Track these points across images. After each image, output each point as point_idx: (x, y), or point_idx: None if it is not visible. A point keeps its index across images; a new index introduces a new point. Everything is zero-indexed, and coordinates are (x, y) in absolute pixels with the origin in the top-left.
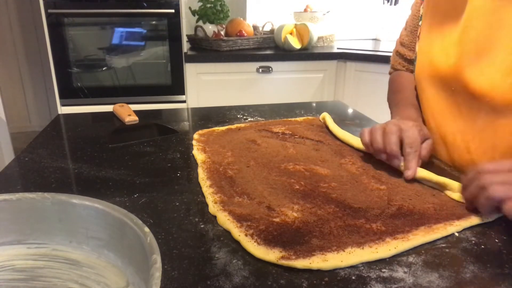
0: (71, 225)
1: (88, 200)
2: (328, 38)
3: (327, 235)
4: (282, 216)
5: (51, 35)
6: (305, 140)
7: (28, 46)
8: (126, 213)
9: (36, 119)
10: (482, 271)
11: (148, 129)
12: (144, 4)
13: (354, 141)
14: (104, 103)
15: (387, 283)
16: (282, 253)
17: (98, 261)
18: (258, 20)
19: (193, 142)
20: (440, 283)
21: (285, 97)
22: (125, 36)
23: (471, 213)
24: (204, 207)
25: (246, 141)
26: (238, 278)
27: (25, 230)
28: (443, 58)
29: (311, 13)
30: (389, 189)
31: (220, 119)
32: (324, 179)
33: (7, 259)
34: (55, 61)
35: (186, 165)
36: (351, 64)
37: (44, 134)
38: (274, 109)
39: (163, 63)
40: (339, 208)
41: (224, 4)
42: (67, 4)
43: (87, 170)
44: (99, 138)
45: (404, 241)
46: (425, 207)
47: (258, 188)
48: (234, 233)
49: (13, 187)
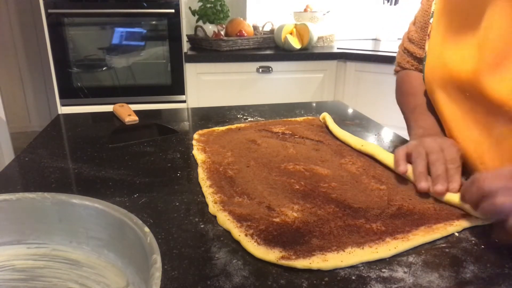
0: (71, 225)
1: (88, 200)
2: (328, 38)
3: (327, 235)
4: (282, 216)
5: (51, 35)
6: (305, 140)
7: (28, 46)
8: (126, 213)
9: (36, 119)
10: (482, 271)
11: (148, 129)
12: (144, 4)
13: (353, 141)
14: (104, 103)
15: (387, 283)
16: (282, 253)
17: (98, 261)
18: (258, 20)
19: (193, 142)
20: (440, 283)
21: (285, 97)
22: (125, 36)
23: (471, 214)
24: (204, 207)
25: (246, 141)
26: (238, 278)
27: (25, 230)
28: (459, 62)
29: (311, 13)
30: (389, 189)
31: (220, 119)
32: (324, 179)
33: (7, 259)
34: (55, 61)
35: (186, 165)
36: (351, 64)
37: (44, 134)
38: (274, 109)
39: (163, 63)
40: (339, 208)
41: (224, 4)
42: (67, 4)
43: (87, 170)
44: (99, 138)
45: (404, 241)
46: (425, 207)
47: (258, 188)
48: (234, 233)
49: (13, 187)
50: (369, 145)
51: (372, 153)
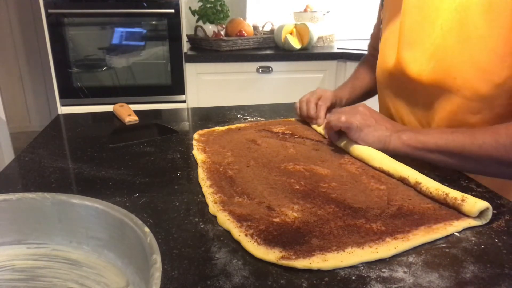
0: (71, 225)
1: (88, 200)
2: (328, 38)
3: (327, 235)
4: (282, 216)
5: (51, 35)
6: (305, 140)
7: (28, 46)
8: (126, 213)
9: (36, 119)
10: (482, 271)
11: (148, 129)
12: (144, 4)
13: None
14: (104, 103)
15: (387, 283)
16: (282, 253)
17: (98, 261)
18: (258, 20)
19: (193, 142)
20: (440, 283)
21: (285, 97)
22: (125, 36)
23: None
24: (204, 207)
25: (246, 141)
26: (238, 278)
27: (25, 230)
28: (389, 52)
29: (311, 13)
30: (389, 189)
31: (220, 119)
32: (324, 179)
33: (7, 259)
34: (55, 61)
35: (186, 165)
36: (351, 64)
37: (44, 134)
38: (274, 109)
39: (163, 63)
40: (339, 208)
41: (224, 4)
42: (67, 4)
43: (87, 170)
44: (99, 138)
45: (404, 241)
46: (425, 207)
47: (258, 188)
48: (234, 233)
49: (13, 187)
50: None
51: (365, 159)
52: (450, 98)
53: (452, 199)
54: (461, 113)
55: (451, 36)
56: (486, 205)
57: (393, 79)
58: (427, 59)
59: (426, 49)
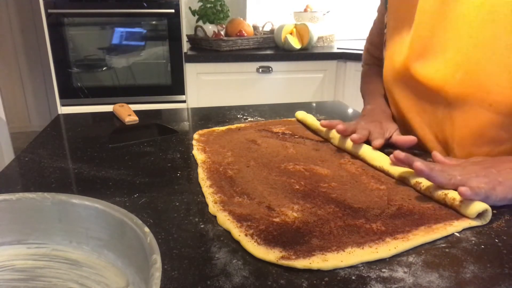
0: (71, 225)
1: (88, 200)
2: (328, 38)
3: (327, 235)
4: (282, 216)
5: (51, 35)
6: (305, 140)
7: (28, 46)
8: (126, 213)
9: (36, 119)
10: (482, 271)
11: (148, 129)
12: (144, 4)
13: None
14: (104, 103)
15: (387, 283)
16: (282, 253)
17: (98, 261)
18: (258, 20)
19: (193, 142)
20: (440, 283)
21: (285, 97)
22: (125, 36)
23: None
24: (204, 207)
25: (246, 141)
26: (238, 278)
27: (25, 230)
28: (399, 58)
29: (311, 13)
30: (389, 189)
31: (220, 119)
32: (324, 179)
33: (7, 259)
34: (55, 61)
35: (186, 165)
36: (351, 64)
37: (44, 134)
38: (274, 109)
39: (163, 63)
40: (339, 208)
41: (224, 4)
42: (67, 4)
43: (87, 170)
44: (99, 138)
45: (404, 241)
46: (425, 207)
47: (258, 188)
48: (234, 233)
49: (13, 187)
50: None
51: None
52: (478, 113)
53: (450, 200)
54: (491, 129)
55: (484, 47)
56: (485, 207)
57: (405, 86)
58: (452, 70)
59: (449, 59)
